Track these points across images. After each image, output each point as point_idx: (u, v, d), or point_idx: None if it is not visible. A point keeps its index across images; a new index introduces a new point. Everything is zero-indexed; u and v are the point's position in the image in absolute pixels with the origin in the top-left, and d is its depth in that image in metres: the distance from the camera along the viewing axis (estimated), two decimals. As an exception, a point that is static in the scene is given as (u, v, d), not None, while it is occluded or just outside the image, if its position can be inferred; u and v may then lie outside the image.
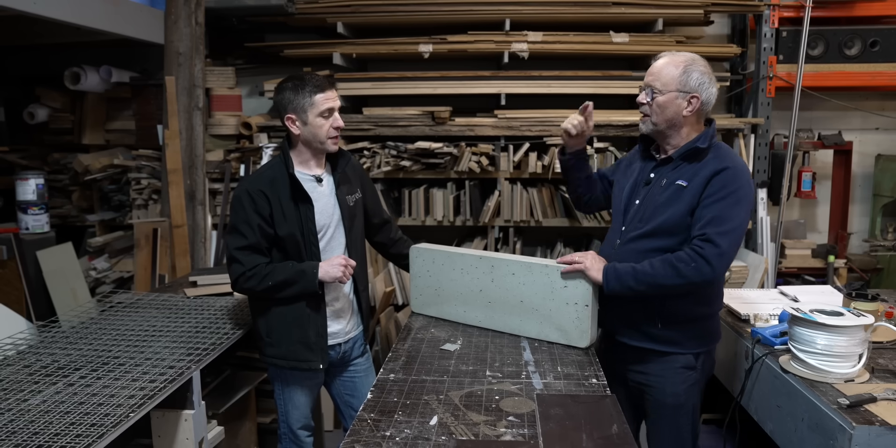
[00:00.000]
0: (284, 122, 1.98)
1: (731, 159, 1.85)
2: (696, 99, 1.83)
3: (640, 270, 1.81)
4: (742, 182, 1.81)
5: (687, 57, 1.86)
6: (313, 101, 1.93)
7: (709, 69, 1.87)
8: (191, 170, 3.41)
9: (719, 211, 1.78)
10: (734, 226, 1.78)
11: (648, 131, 1.93)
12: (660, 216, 1.86)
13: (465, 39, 3.48)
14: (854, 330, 1.72)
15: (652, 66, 1.90)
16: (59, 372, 1.79)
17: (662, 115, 1.86)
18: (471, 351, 1.98)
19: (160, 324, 2.22)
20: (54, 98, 3.86)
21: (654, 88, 1.86)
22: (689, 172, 1.85)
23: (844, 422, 1.52)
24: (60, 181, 3.90)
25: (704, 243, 1.75)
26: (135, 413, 1.55)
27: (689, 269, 1.75)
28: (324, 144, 1.99)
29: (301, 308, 2.00)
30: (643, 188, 1.96)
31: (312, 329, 2.02)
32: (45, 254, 3.38)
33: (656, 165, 1.95)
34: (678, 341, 1.91)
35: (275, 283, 1.92)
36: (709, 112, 1.93)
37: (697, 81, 1.82)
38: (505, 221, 3.51)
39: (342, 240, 2.10)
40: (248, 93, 3.93)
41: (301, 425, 2.16)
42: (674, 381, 1.93)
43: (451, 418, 1.51)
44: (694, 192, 1.82)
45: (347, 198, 2.10)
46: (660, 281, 1.78)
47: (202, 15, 3.37)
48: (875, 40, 3.56)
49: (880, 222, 3.95)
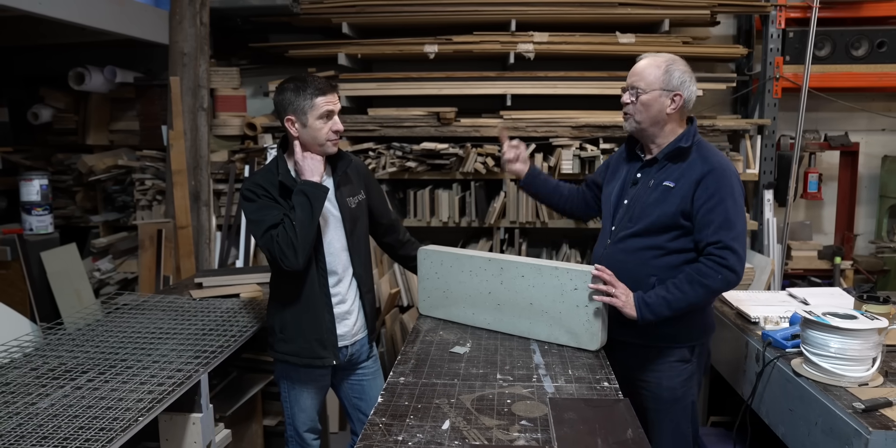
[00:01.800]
0: (284, 123, 1.96)
1: (715, 159, 1.88)
2: (679, 97, 1.88)
3: (672, 299, 1.83)
4: (732, 181, 1.86)
5: (668, 57, 1.92)
6: (314, 103, 1.91)
7: (689, 68, 1.92)
8: (195, 170, 3.39)
9: (724, 215, 1.81)
10: (741, 228, 1.84)
11: (632, 129, 1.97)
12: (648, 216, 1.90)
13: (470, 40, 3.47)
14: (868, 333, 1.70)
15: (634, 67, 1.94)
16: (67, 375, 1.77)
17: (646, 113, 1.90)
18: (480, 354, 1.96)
19: (167, 326, 2.21)
20: (58, 98, 3.84)
21: (637, 88, 1.90)
22: (675, 173, 1.89)
23: (861, 426, 1.50)
24: (64, 182, 3.89)
25: (724, 251, 1.78)
26: (144, 417, 1.54)
27: (717, 282, 1.80)
28: (322, 147, 1.97)
29: (316, 306, 2.01)
30: (631, 188, 2.00)
31: (325, 327, 2.03)
32: (49, 255, 3.37)
33: (642, 166, 2.00)
34: (672, 335, 1.94)
35: (299, 220, 1.86)
36: (690, 110, 1.97)
37: (679, 80, 1.88)
38: (510, 223, 3.50)
39: (343, 242, 2.07)
40: (252, 93, 3.92)
41: (307, 428, 2.14)
42: (669, 375, 1.96)
43: (464, 422, 1.50)
44: (683, 193, 1.86)
45: (348, 199, 2.07)
46: (693, 301, 1.83)
47: (207, 15, 3.35)
48: (882, 41, 3.55)
49: (887, 224, 3.94)
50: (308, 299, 2.00)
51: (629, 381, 2.04)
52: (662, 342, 1.95)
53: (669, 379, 1.95)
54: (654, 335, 1.94)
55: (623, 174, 2.04)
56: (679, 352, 1.95)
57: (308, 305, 2.01)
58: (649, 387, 1.98)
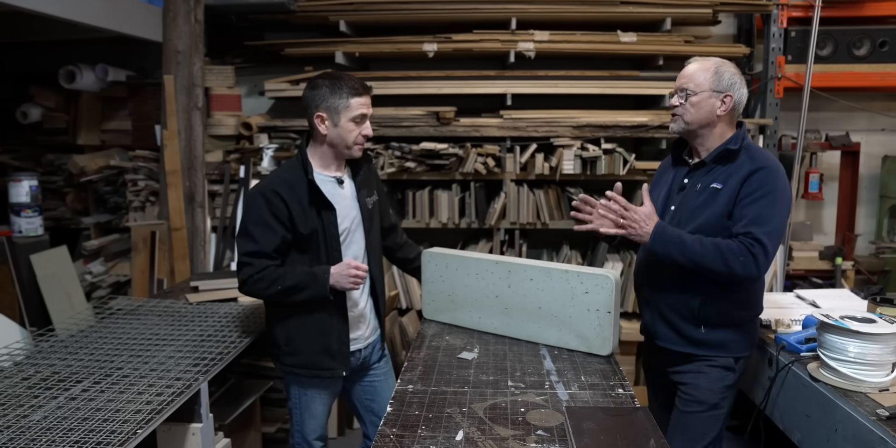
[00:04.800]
0: (312, 119, 1.89)
1: (765, 159, 1.83)
2: (729, 98, 1.84)
3: (689, 246, 1.74)
4: (779, 182, 1.80)
5: (717, 60, 1.89)
6: (349, 103, 1.86)
7: (738, 71, 1.89)
8: (190, 171, 3.32)
9: (759, 210, 1.75)
10: (775, 227, 1.76)
11: (680, 130, 1.91)
12: (696, 219, 1.84)
13: (470, 38, 3.41)
14: (888, 337, 1.67)
15: (683, 71, 1.91)
16: (60, 384, 1.70)
17: (696, 114, 1.85)
18: (489, 359, 1.91)
19: (163, 332, 2.14)
20: (48, 97, 3.75)
21: (687, 90, 1.86)
22: (723, 175, 1.83)
23: (887, 435, 1.46)
24: (54, 183, 3.80)
25: (755, 243, 1.72)
26: (142, 429, 1.47)
27: (736, 262, 1.71)
28: (350, 149, 1.92)
29: (322, 316, 1.92)
30: (678, 194, 1.94)
31: (335, 336, 1.94)
32: (39, 258, 3.28)
33: (689, 171, 1.94)
34: (720, 345, 1.87)
35: (284, 287, 1.83)
36: (740, 114, 1.92)
37: (729, 81, 1.84)
38: (511, 223, 3.45)
39: (362, 243, 2.03)
40: (247, 92, 3.85)
41: (317, 435, 2.08)
42: (711, 377, 1.88)
43: (478, 432, 1.44)
44: (730, 193, 1.80)
45: (367, 200, 2.03)
46: (705, 262, 1.74)
47: (202, 12, 3.28)
48: (884, 40, 3.52)
49: (887, 224, 3.92)
50: (318, 308, 1.91)
51: (671, 389, 1.97)
52: (709, 351, 1.87)
53: (711, 381, 1.87)
54: (702, 344, 1.87)
55: (669, 180, 1.98)
56: (724, 360, 1.87)
57: (316, 314, 1.92)
58: (688, 389, 1.90)
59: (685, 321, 1.87)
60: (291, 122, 3.42)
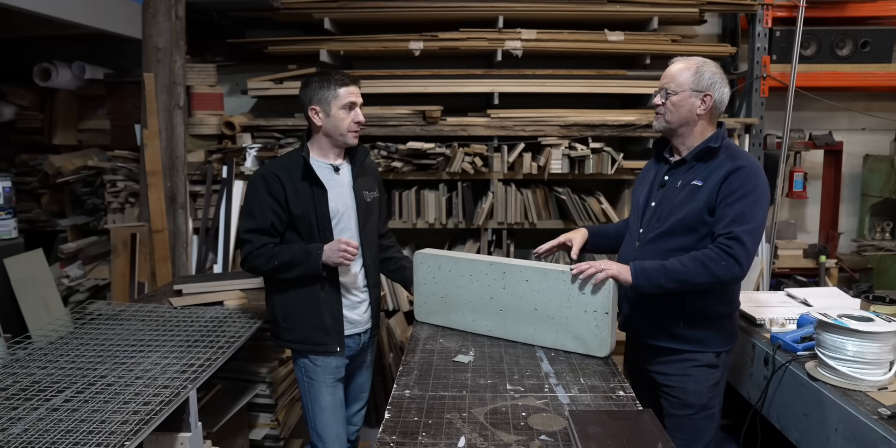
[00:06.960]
0: (308, 114, 2.04)
1: (745, 158, 1.87)
2: (709, 97, 1.87)
3: (671, 268, 1.78)
4: (759, 181, 1.83)
5: (699, 60, 1.91)
6: (337, 93, 2.00)
7: (720, 71, 1.91)
8: (171, 171, 3.23)
9: (741, 209, 1.79)
10: (756, 224, 1.80)
11: (662, 129, 1.94)
12: (676, 214, 1.87)
13: (456, 37, 3.38)
14: (886, 336, 1.66)
15: (666, 71, 1.95)
16: (41, 395, 1.62)
17: (677, 113, 1.89)
18: (486, 362, 1.87)
19: (147, 337, 2.07)
20: (22, 95, 3.64)
21: (668, 90, 1.90)
22: (703, 172, 1.87)
23: (889, 434, 1.45)
24: (29, 184, 3.69)
25: (732, 242, 1.75)
26: (130, 441, 1.41)
27: (719, 268, 1.75)
28: (344, 136, 2.05)
29: (316, 292, 2.04)
30: (658, 190, 1.98)
31: (328, 312, 2.06)
32: (14, 261, 3.17)
33: (670, 168, 1.97)
34: (701, 340, 1.90)
35: (280, 262, 1.98)
36: (721, 113, 1.95)
37: (709, 81, 1.87)
38: (498, 223, 3.42)
39: (354, 231, 2.11)
40: (229, 91, 3.77)
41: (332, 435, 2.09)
42: (697, 379, 1.90)
43: (480, 439, 1.41)
44: (710, 190, 1.83)
45: (364, 192, 2.13)
46: (691, 279, 1.77)
47: (183, 8, 3.19)
48: (866, 41, 3.56)
49: (868, 222, 3.97)
50: (310, 286, 2.04)
51: (653, 388, 1.99)
52: (690, 345, 1.89)
53: (697, 383, 1.90)
54: (681, 338, 1.89)
55: (651, 177, 2.02)
56: (706, 357, 1.90)
57: (309, 293, 2.04)
58: (675, 392, 1.92)
59: (668, 318, 1.90)
60: (275, 122, 3.36)
